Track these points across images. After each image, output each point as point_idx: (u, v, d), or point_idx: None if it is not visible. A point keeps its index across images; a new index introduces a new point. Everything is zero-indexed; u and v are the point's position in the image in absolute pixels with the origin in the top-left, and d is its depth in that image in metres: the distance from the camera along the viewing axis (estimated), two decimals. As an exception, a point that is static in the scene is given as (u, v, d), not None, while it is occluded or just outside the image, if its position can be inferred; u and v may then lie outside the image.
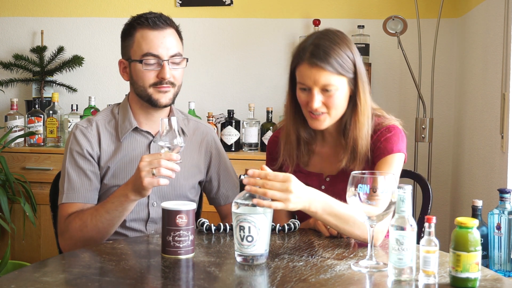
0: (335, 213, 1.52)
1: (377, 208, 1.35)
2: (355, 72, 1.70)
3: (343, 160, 1.75)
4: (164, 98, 1.82)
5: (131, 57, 1.82)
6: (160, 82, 1.79)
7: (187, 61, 1.86)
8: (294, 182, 1.45)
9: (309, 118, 1.74)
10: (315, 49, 1.67)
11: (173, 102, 1.87)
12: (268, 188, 1.42)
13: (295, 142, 1.81)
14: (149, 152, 1.87)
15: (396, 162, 1.73)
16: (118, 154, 1.85)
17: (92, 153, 1.84)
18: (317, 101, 1.68)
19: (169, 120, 1.62)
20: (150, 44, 1.79)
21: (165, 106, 1.84)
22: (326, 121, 1.73)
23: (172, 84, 1.82)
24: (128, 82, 1.89)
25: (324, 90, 1.68)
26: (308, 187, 1.51)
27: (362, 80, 1.72)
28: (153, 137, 1.88)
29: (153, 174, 1.60)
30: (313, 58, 1.66)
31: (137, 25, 1.81)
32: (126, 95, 1.94)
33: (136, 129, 1.87)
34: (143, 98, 1.83)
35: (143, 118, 1.88)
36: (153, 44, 1.79)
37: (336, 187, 1.76)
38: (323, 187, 1.80)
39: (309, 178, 1.81)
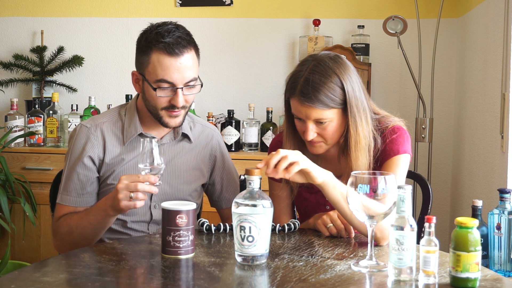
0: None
1: (382, 206, 1.35)
2: (345, 103, 1.68)
3: (345, 163, 1.76)
4: (174, 121, 1.79)
5: (145, 75, 1.77)
6: (172, 106, 1.76)
7: (201, 86, 1.80)
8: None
9: (307, 144, 1.76)
10: (305, 85, 1.66)
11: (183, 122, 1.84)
12: (284, 157, 1.53)
13: None
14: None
15: (402, 163, 1.74)
16: (123, 157, 1.85)
17: (93, 155, 1.83)
18: (311, 133, 1.70)
19: (150, 141, 1.60)
20: (165, 70, 1.72)
21: (175, 127, 1.83)
22: (323, 147, 1.75)
23: (184, 107, 1.78)
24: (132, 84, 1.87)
25: (318, 122, 1.69)
26: None
27: (353, 110, 1.69)
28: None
29: (130, 197, 1.58)
30: (302, 96, 1.66)
31: (154, 47, 1.73)
32: (134, 96, 1.92)
33: (141, 134, 1.86)
34: (153, 116, 1.81)
35: (149, 123, 1.86)
36: (169, 71, 1.72)
37: None
38: None
39: None
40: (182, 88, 1.74)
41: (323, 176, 1.57)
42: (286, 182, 1.86)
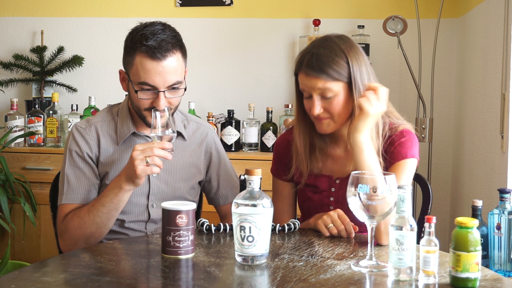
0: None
1: (382, 206, 1.35)
2: (350, 77, 1.71)
3: (351, 164, 1.76)
4: None
5: (129, 76, 1.78)
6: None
7: (185, 90, 1.80)
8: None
9: (315, 123, 1.76)
10: (311, 58, 1.69)
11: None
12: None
13: (307, 150, 1.81)
14: None
15: (408, 167, 1.74)
16: (117, 157, 1.85)
17: (91, 154, 1.84)
18: (318, 107, 1.70)
19: (161, 111, 1.66)
20: (147, 74, 1.72)
21: None
22: (331, 126, 1.75)
23: (168, 109, 1.77)
24: None
25: (324, 97, 1.70)
26: None
27: (357, 85, 1.71)
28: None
29: (147, 163, 1.62)
30: (308, 68, 1.69)
31: (137, 49, 1.73)
32: (126, 95, 1.93)
33: (134, 133, 1.87)
34: (138, 116, 1.83)
35: (142, 123, 1.86)
36: (150, 74, 1.72)
37: (346, 189, 1.76)
38: (333, 189, 1.81)
39: (319, 180, 1.82)
40: (164, 91, 1.74)
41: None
42: (291, 179, 1.86)
